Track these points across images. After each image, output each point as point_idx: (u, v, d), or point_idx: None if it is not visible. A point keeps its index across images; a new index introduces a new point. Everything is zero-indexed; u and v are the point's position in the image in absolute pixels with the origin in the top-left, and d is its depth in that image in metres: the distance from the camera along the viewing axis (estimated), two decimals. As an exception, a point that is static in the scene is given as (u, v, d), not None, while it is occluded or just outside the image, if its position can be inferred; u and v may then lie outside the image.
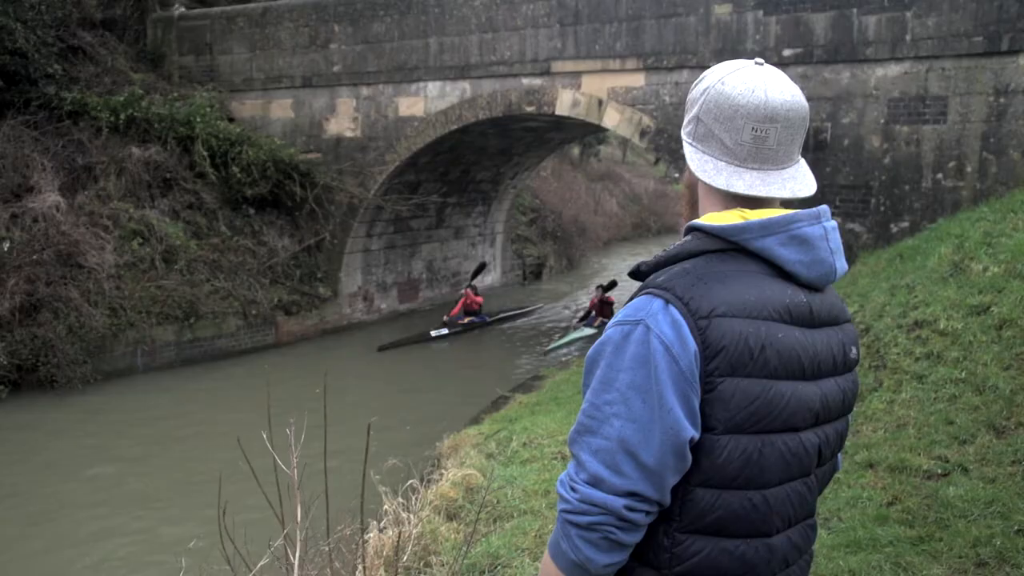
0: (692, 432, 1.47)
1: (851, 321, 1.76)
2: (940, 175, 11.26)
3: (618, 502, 1.46)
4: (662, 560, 1.54)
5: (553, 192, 29.82)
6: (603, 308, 17.47)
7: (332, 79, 17.06)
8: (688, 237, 1.61)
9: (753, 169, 1.61)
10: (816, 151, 12.12)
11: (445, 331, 17.04)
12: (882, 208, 11.72)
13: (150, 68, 18.40)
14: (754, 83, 1.59)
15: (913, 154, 11.48)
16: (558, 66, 14.45)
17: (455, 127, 15.75)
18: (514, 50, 14.88)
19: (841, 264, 1.65)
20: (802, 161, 1.70)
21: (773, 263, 1.57)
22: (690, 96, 1.69)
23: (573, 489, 1.51)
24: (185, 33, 18.64)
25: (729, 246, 1.57)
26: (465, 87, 15.59)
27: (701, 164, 1.63)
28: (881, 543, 4.35)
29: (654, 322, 1.48)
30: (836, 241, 1.66)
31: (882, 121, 11.66)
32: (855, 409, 6.56)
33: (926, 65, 11.23)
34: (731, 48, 12.38)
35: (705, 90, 1.64)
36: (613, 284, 18.27)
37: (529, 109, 14.89)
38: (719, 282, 1.52)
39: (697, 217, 1.68)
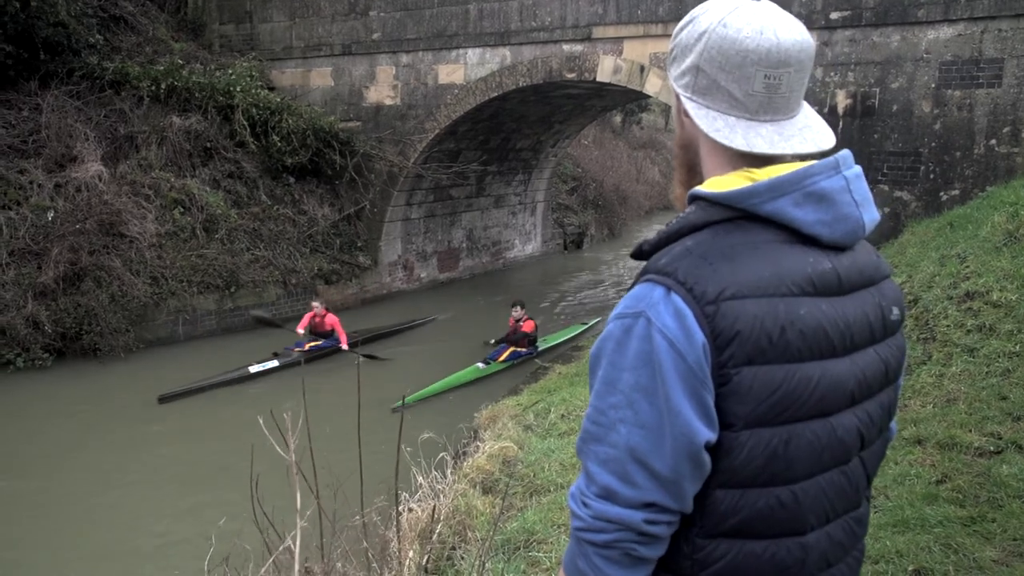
0: (708, 435, 1.30)
1: (889, 276, 1.55)
2: (994, 141, 10.90)
3: (636, 516, 1.32)
4: (684, 568, 1.39)
5: (594, 160, 29.55)
6: (516, 333, 13.46)
7: (371, 47, 16.95)
8: (691, 207, 1.41)
9: (767, 122, 1.40)
10: (864, 117, 11.80)
11: (274, 363, 12.64)
12: (932, 176, 11.39)
13: (191, 37, 18.43)
14: (761, 23, 1.37)
15: (965, 119, 11.12)
16: (599, 32, 14.19)
17: (495, 95, 15.58)
18: (555, 16, 14.65)
19: (870, 215, 1.43)
20: (806, 105, 1.48)
21: (789, 227, 1.37)
22: (680, 41, 1.46)
23: (585, 504, 1.36)
24: (225, 2, 18.63)
25: (736, 214, 1.37)
26: (505, 54, 15.40)
27: (710, 122, 1.41)
28: (930, 523, 4.20)
29: (655, 314, 1.31)
30: (862, 191, 1.43)
31: (933, 86, 11.29)
32: (903, 382, 6.40)
33: (981, 26, 10.83)
34: (777, 11, 12.03)
35: (703, 34, 1.40)
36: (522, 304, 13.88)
37: (570, 76, 14.66)
38: (726, 259, 1.33)
39: (696, 181, 1.49)
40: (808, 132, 1.43)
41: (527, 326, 13.37)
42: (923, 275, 7.89)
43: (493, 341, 13.75)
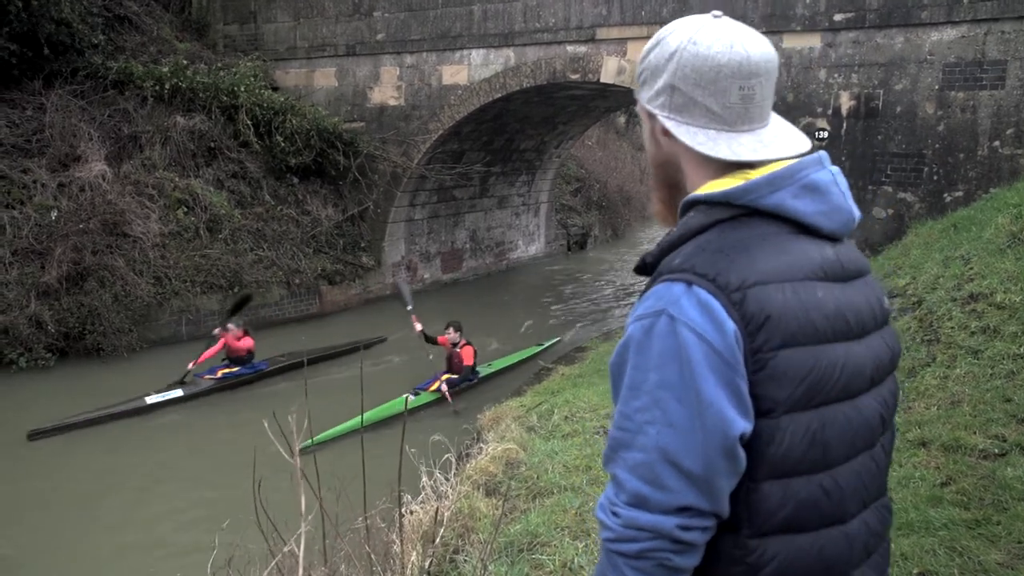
0: (743, 425, 1.29)
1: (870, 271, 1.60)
2: (997, 143, 10.88)
3: (669, 522, 1.29)
4: None
5: (598, 161, 29.53)
6: (452, 359, 11.80)
7: (376, 47, 16.95)
8: (690, 213, 1.44)
9: (745, 132, 1.45)
10: (867, 118, 11.79)
11: (178, 392, 11.20)
12: (935, 177, 11.37)
13: (195, 37, 18.44)
14: (729, 38, 1.43)
15: (969, 121, 11.10)
16: (603, 33, 14.19)
17: (499, 95, 15.57)
18: (559, 17, 14.65)
19: (856, 209, 1.50)
20: (774, 113, 1.53)
21: (790, 219, 1.41)
22: (648, 64, 1.51)
23: (615, 514, 1.33)
24: (229, 2, 18.64)
25: (738, 211, 1.41)
26: (509, 55, 15.39)
27: (692, 136, 1.45)
28: (935, 525, 4.19)
29: (677, 309, 1.31)
30: (845, 185, 1.49)
31: (936, 87, 11.28)
32: (907, 384, 6.38)
33: (984, 28, 10.82)
34: (780, 13, 12.03)
35: (673, 54, 1.45)
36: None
37: (574, 77, 14.66)
38: (742, 251, 1.36)
39: (679, 197, 1.52)
40: (784, 137, 1.48)
41: (465, 351, 11.68)
42: (927, 277, 7.87)
43: (432, 356, 12.07)
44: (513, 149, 19.66)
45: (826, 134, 12.01)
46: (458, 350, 11.65)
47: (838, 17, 11.71)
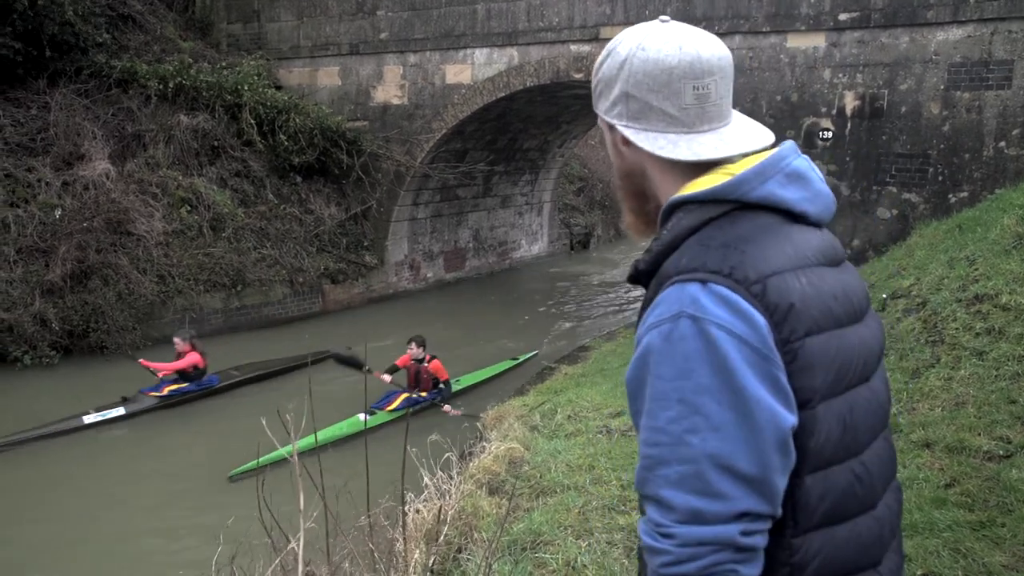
0: (792, 418, 1.25)
1: None
2: (1003, 143, 10.86)
3: (731, 529, 1.21)
4: None
5: (602, 161, 29.47)
6: (419, 375, 11.00)
7: (379, 46, 16.95)
8: (678, 215, 1.40)
9: (705, 132, 1.43)
10: (872, 118, 11.77)
11: (119, 411, 10.48)
12: (940, 178, 11.35)
13: (198, 36, 18.45)
14: (678, 40, 1.41)
15: (974, 121, 11.08)
16: (607, 32, 14.16)
17: (502, 95, 15.56)
18: (562, 16, 14.64)
19: (831, 194, 1.49)
20: (736, 112, 1.52)
21: (779, 209, 1.39)
22: (602, 75, 1.49)
23: (667, 535, 1.23)
24: (233, 1, 18.65)
25: (729, 207, 1.38)
26: (513, 54, 15.38)
27: (652, 142, 1.43)
28: (939, 527, 4.18)
29: (697, 309, 1.25)
30: (819, 173, 1.48)
31: (942, 87, 11.25)
32: (911, 385, 6.37)
33: (991, 28, 10.79)
34: (785, 12, 12.01)
35: (624, 62, 1.43)
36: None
37: (577, 76, 14.65)
38: (747, 242, 1.33)
39: (650, 205, 1.52)
40: (746, 133, 1.48)
41: (434, 366, 10.90)
42: (931, 277, 7.85)
43: (369, 370, 10.03)
44: (516, 148, 19.66)
45: (830, 134, 11.99)
46: (425, 365, 10.89)
47: (843, 16, 11.69)
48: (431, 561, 4.26)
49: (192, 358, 11.12)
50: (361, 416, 9.81)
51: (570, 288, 19.83)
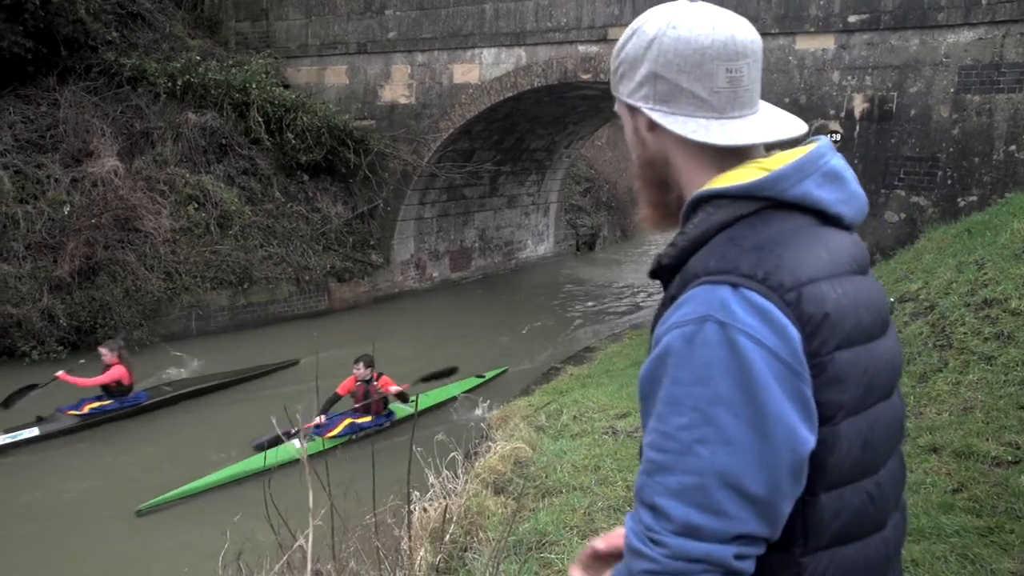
0: (811, 442, 1.19)
1: None
2: (1013, 147, 10.82)
3: (726, 551, 1.16)
4: None
5: (608, 162, 29.48)
6: (368, 397, 10.00)
7: (387, 45, 16.96)
8: (706, 209, 1.31)
9: (736, 118, 1.35)
10: (881, 121, 11.73)
11: (33, 432, 9.57)
12: (949, 181, 11.32)
13: (207, 34, 18.48)
14: (711, 20, 1.33)
15: (984, 124, 11.04)
16: (615, 33, 14.15)
17: (510, 95, 15.56)
18: (570, 16, 14.63)
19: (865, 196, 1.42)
20: (763, 101, 1.44)
21: (813, 210, 1.32)
22: (626, 56, 1.40)
23: (656, 542, 1.18)
24: (242, -1, 18.70)
25: (763, 204, 1.29)
26: (520, 54, 15.38)
27: (683, 125, 1.34)
28: (946, 532, 4.16)
29: (726, 315, 1.18)
30: (854, 172, 1.40)
31: (952, 90, 11.22)
32: (918, 389, 6.35)
33: (1003, 30, 10.75)
34: (793, 14, 11.98)
35: (652, 41, 1.35)
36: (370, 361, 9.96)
37: (585, 77, 14.64)
38: (782, 246, 1.24)
39: (671, 195, 1.43)
40: (778, 121, 1.40)
41: (382, 384, 9.95)
42: (940, 282, 7.83)
43: (318, 427, 9.47)
44: (523, 148, 19.66)
45: (839, 136, 11.96)
46: (374, 384, 9.93)
47: (852, 19, 11.66)
48: (437, 560, 4.26)
49: (117, 372, 10.13)
50: (296, 443, 8.76)
51: (576, 289, 19.82)
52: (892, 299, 8.01)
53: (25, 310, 12.04)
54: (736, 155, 1.36)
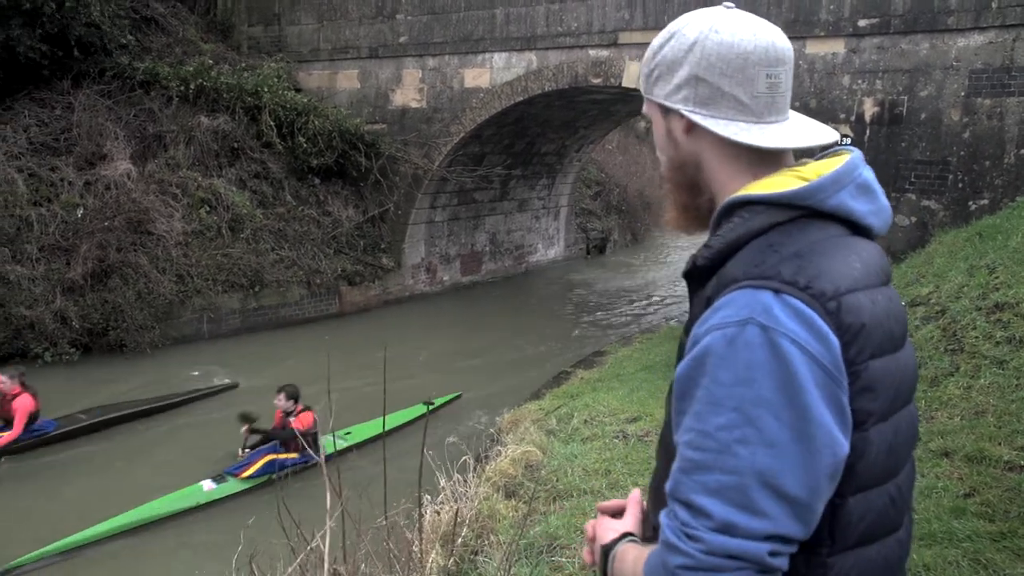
0: (847, 447, 1.22)
1: None
2: (1024, 151, 10.80)
3: (762, 548, 1.17)
4: None
5: (618, 165, 29.48)
6: (284, 430, 8.97)
7: (398, 50, 17.01)
8: (742, 215, 1.33)
9: (772, 123, 1.39)
10: (891, 125, 11.71)
11: None
12: (960, 185, 11.29)
13: (219, 38, 18.58)
14: (752, 26, 1.36)
15: (995, 128, 11.01)
16: (625, 37, 14.18)
17: (520, 99, 15.59)
18: (581, 20, 14.65)
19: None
20: (791, 109, 1.48)
21: (847, 220, 1.35)
22: (663, 58, 1.41)
23: (693, 539, 1.19)
24: (254, 4, 18.77)
25: (799, 212, 1.32)
26: (531, 58, 15.41)
27: (725, 127, 1.37)
28: (958, 537, 4.15)
29: (770, 319, 1.20)
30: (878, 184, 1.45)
31: (962, 94, 11.19)
32: (929, 393, 6.33)
33: (1013, 34, 10.72)
34: (803, 19, 11.97)
35: (693, 44, 1.37)
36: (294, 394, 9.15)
37: (595, 81, 14.65)
38: (820, 255, 1.27)
39: (702, 199, 1.45)
40: (810, 127, 1.45)
41: (302, 420, 8.89)
42: (951, 285, 7.81)
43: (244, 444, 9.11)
44: (534, 152, 19.68)
45: (849, 140, 11.93)
46: (292, 419, 8.98)
47: (862, 23, 11.65)
48: (448, 563, 4.28)
49: (24, 403, 9.21)
50: (205, 485, 8.44)
51: (586, 292, 19.82)
52: (903, 303, 7.99)
53: (38, 312, 12.12)
54: (769, 162, 1.40)
